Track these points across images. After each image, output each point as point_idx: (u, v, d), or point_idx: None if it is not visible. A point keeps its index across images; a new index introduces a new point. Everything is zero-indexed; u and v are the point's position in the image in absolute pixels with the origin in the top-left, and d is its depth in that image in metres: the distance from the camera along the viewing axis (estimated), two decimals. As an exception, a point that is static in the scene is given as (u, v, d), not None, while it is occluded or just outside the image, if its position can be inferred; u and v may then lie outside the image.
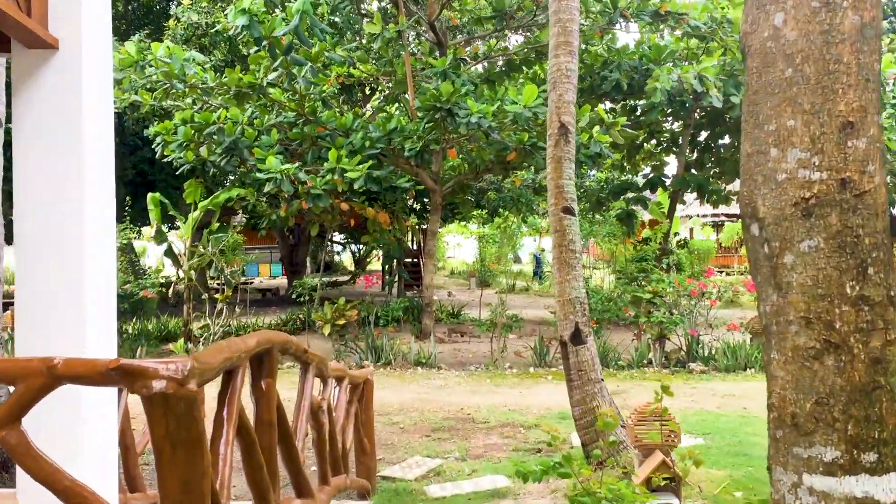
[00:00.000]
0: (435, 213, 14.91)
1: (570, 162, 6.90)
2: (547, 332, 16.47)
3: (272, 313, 18.35)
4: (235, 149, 12.11)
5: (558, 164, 6.80)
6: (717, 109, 16.88)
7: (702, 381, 10.91)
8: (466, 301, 24.69)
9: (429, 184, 14.65)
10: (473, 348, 14.31)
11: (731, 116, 16.72)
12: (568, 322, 6.69)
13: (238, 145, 12.05)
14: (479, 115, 11.00)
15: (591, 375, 6.55)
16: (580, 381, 6.55)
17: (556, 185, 6.79)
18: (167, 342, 14.56)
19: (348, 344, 12.57)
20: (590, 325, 6.83)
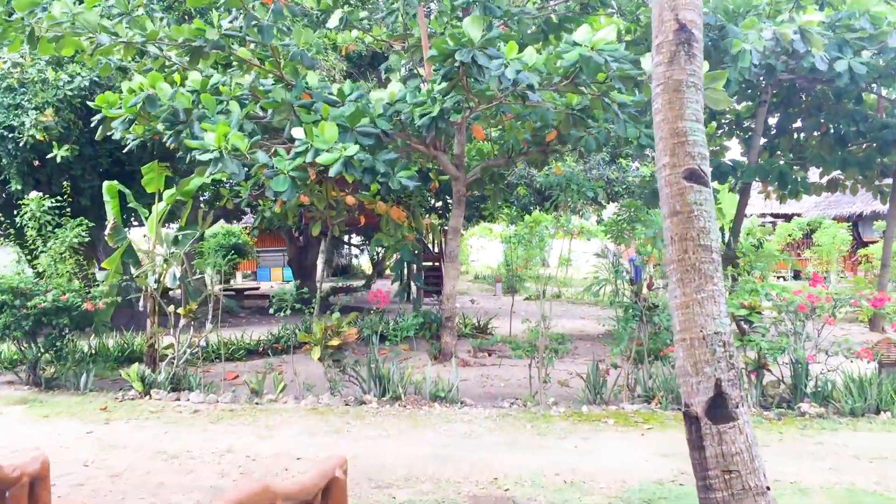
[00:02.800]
0: (458, 206, 11.83)
1: (697, 91, 3.82)
2: (593, 349, 13.33)
3: (272, 323, 15.32)
4: (180, 121, 9.05)
5: (676, 94, 3.77)
6: (792, 86, 13.77)
7: (823, 430, 7.75)
8: (492, 309, 21.56)
9: (450, 170, 11.58)
10: (505, 374, 11.21)
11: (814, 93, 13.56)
12: (701, 378, 3.65)
13: (179, 116, 8.98)
14: (516, 64, 7.87)
15: (747, 481, 3.46)
16: (726, 489, 3.46)
17: (673, 131, 3.76)
18: (130, 363, 11.58)
19: (346, 370, 9.52)
20: (740, 385, 3.71)
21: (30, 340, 10.08)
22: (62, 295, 9.63)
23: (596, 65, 7.82)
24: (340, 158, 8.23)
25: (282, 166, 8.39)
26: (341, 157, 8.23)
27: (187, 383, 9.88)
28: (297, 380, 10.03)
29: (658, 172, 3.94)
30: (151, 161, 10.91)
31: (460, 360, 11.75)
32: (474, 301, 25.13)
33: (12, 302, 9.52)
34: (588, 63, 7.82)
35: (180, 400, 9.47)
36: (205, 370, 11.80)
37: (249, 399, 9.38)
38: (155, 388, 9.75)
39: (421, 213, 13.76)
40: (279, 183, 8.44)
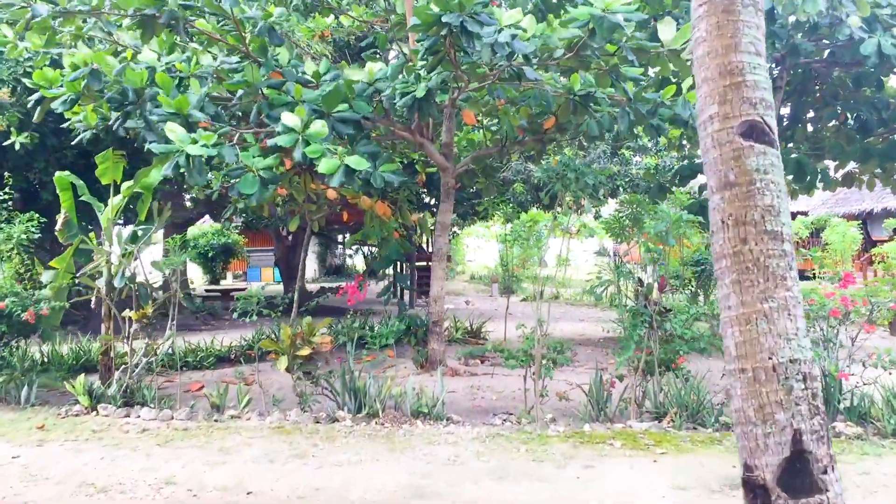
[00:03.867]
0: (446, 199, 10.68)
1: (757, 13, 2.67)
2: (594, 355, 12.19)
3: (248, 327, 14.14)
4: (129, 102, 7.83)
5: (728, 16, 2.74)
6: (807, 72, 12.65)
7: (865, 455, 6.61)
8: (487, 311, 20.43)
9: (437, 159, 10.44)
10: (498, 384, 10.06)
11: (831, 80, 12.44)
12: (770, 429, 2.53)
13: (128, 96, 7.77)
14: (510, 30, 6.70)
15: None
16: None
17: (723, 69, 2.70)
18: (86, 372, 10.44)
19: (319, 382, 8.37)
20: (828, 437, 2.55)
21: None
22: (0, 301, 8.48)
23: (610, 26, 6.62)
24: (341, 167, 7.04)
25: (251, 163, 7.23)
26: (342, 165, 7.04)
27: (141, 397, 8.73)
28: (264, 392, 8.89)
29: (701, 129, 2.80)
30: (107, 149, 9.73)
31: (448, 369, 10.61)
32: (469, 302, 24.01)
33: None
34: (601, 25, 6.64)
35: (130, 416, 8.32)
36: (168, 380, 10.65)
37: (208, 415, 8.23)
38: (104, 402, 8.60)
39: (410, 209, 12.60)
40: (247, 184, 7.27)
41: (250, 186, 7.14)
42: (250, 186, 7.14)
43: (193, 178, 6.70)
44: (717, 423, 7.43)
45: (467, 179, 12.56)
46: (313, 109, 7.52)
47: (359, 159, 6.98)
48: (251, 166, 7.19)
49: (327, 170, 6.96)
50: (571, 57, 7.30)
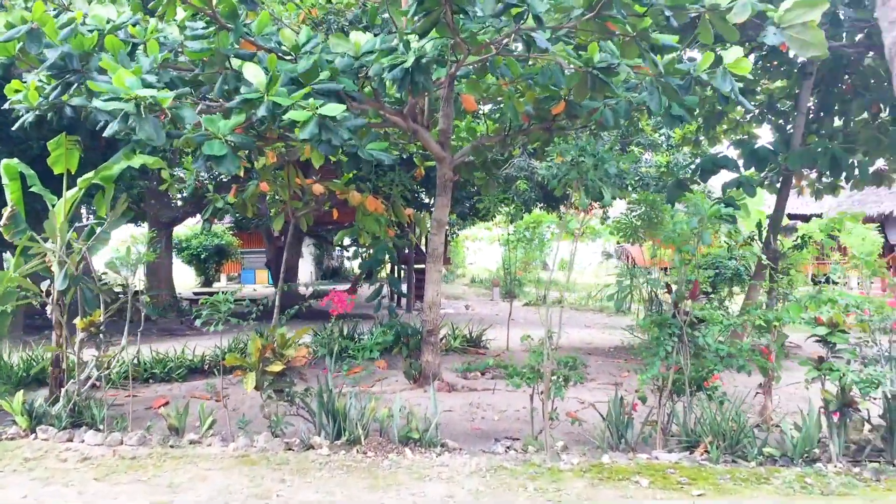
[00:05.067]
0: (443, 192, 9.46)
1: None
2: (604, 366, 10.95)
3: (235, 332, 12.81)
4: (72, 70, 6.55)
5: None
6: (837, 59, 11.42)
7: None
8: (488, 316, 19.23)
9: (433, 148, 9.22)
10: (500, 401, 8.84)
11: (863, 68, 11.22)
12: None
13: (72, 63, 6.48)
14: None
15: None
16: None
17: None
18: (39, 386, 9.26)
19: (294, 400, 7.14)
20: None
21: None
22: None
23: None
24: (314, 118, 5.77)
25: (214, 128, 5.99)
26: (314, 115, 5.77)
27: (90, 416, 7.50)
28: (231, 411, 7.69)
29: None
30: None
31: (444, 384, 9.38)
32: (469, 307, 22.82)
33: None
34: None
35: (73, 441, 7.09)
36: (130, 394, 9.42)
37: (164, 439, 7.00)
38: (47, 422, 7.38)
39: (402, 204, 11.36)
40: (213, 147, 6.01)
41: (218, 149, 5.89)
42: (218, 149, 5.89)
43: (144, 130, 5.44)
44: (762, 456, 6.19)
45: (466, 173, 11.32)
46: (290, 79, 6.29)
47: (334, 106, 5.72)
48: (215, 132, 5.94)
49: (296, 117, 5.71)
50: (591, 17, 6.05)
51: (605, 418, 6.85)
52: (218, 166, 5.98)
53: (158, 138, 5.52)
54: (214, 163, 5.97)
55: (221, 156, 5.88)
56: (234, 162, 5.98)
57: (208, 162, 6.11)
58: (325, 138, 5.66)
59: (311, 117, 5.67)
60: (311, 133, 5.58)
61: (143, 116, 5.41)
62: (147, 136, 5.35)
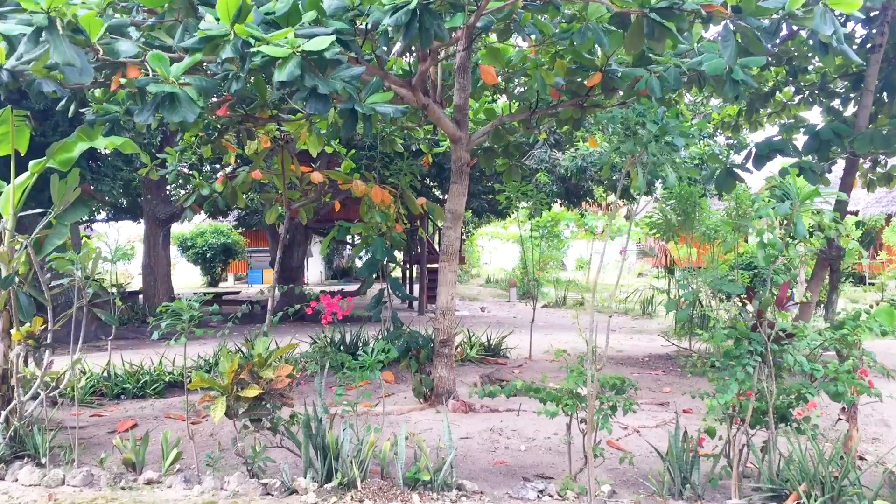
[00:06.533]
0: (458, 179, 8.03)
1: None
2: (641, 380, 9.46)
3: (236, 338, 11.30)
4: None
5: None
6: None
7: None
8: (506, 319, 17.79)
9: (446, 127, 7.79)
10: (528, 427, 7.37)
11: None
12: None
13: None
14: None
15: None
16: None
17: None
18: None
19: (277, 430, 5.71)
20: None
21: None
22: None
23: None
24: (292, 58, 4.32)
25: (162, 69, 4.55)
26: (293, 53, 4.32)
27: (33, 446, 6.12)
28: (207, 437, 6.29)
29: None
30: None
31: (459, 403, 7.95)
32: (485, 309, 21.38)
33: None
34: None
35: (4, 479, 5.71)
36: (96, 413, 8.05)
37: (116, 478, 5.60)
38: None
39: (412, 195, 9.93)
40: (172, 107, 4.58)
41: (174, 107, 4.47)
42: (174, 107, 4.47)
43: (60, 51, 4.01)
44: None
45: (485, 161, 9.89)
46: (266, 23, 4.85)
47: (321, 40, 4.30)
48: (164, 74, 4.51)
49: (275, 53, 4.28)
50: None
51: (665, 457, 5.39)
52: (170, 115, 4.54)
53: (83, 73, 4.09)
54: (165, 112, 4.54)
55: (173, 103, 4.45)
56: (192, 108, 4.53)
57: (157, 111, 4.66)
58: (310, 84, 4.23)
59: (289, 55, 4.24)
60: (290, 74, 4.15)
61: (59, 33, 3.98)
62: (64, 60, 3.92)
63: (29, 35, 4.06)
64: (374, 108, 4.76)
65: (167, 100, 4.47)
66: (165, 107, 4.48)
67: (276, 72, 4.26)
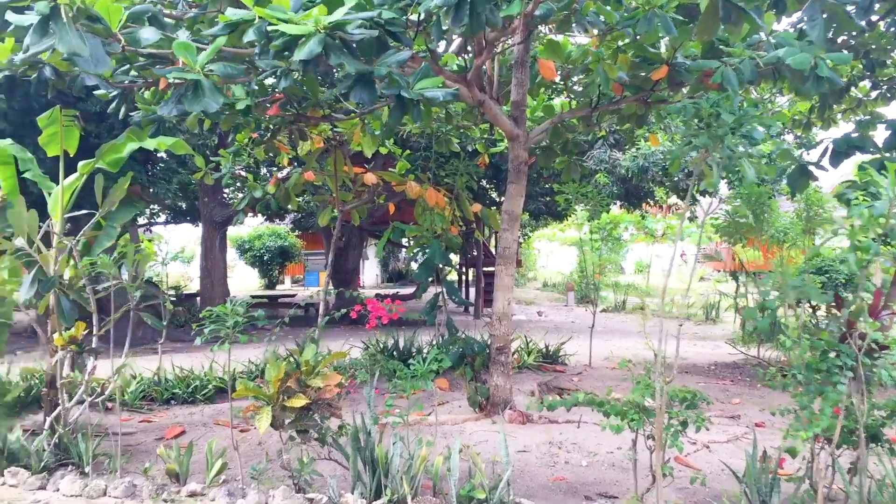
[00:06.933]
0: (516, 179, 7.65)
1: None
2: (708, 390, 8.92)
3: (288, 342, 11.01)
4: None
5: None
6: None
7: None
8: (563, 324, 17.32)
9: (503, 124, 7.43)
10: (589, 440, 6.94)
11: None
12: None
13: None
14: None
15: None
16: None
17: None
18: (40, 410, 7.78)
19: (326, 440, 5.42)
20: None
21: None
22: None
23: None
24: (315, 35, 3.98)
25: (188, 58, 4.28)
26: (316, 30, 3.97)
27: (77, 454, 5.94)
28: (255, 447, 6.05)
29: None
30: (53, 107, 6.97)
31: (516, 413, 7.56)
32: (542, 313, 20.92)
33: None
34: None
35: (46, 489, 5.53)
36: (146, 419, 7.90)
37: (159, 489, 5.38)
38: (23, 459, 5.84)
39: (468, 197, 9.58)
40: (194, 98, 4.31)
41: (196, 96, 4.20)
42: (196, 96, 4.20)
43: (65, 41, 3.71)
44: None
45: (543, 160, 9.49)
46: (304, 7, 4.55)
47: (342, 10, 3.96)
48: (190, 63, 4.23)
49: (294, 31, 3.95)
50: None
51: (741, 478, 4.93)
52: (192, 105, 4.27)
53: (98, 63, 3.83)
54: (188, 102, 4.27)
55: (196, 92, 4.18)
56: (214, 97, 4.25)
57: (180, 102, 4.39)
58: (336, 62, 3.89)
59: (311, 32, 3.91)
60: (310, 52, 3.81)
61: (63, 22, 3.71)
62: (70, 50, 3.66)
63: (35, 25, 3.81)
64: (423, 94, 4.40)
65: (190, 89, 4.21)
66: (188, 97, 4.22)
67: (296, 51, 3.93)
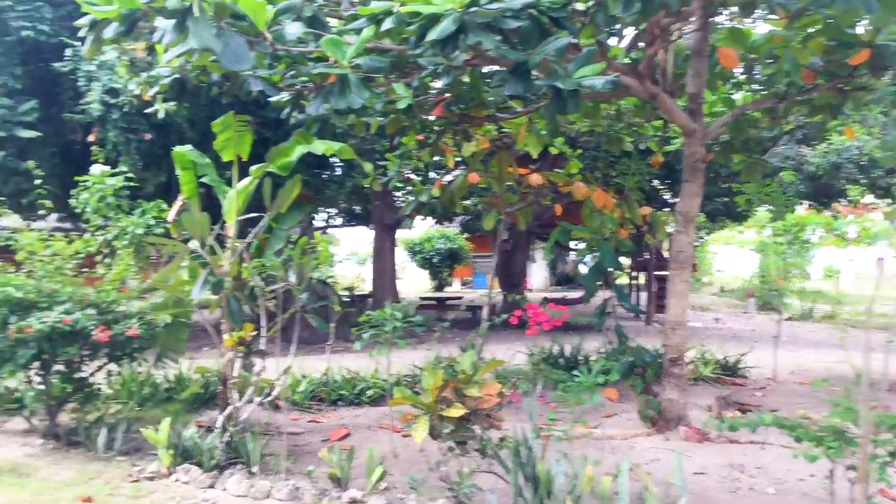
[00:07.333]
0: (691, 177, 7.09)
1: None
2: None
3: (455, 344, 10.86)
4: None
5: None
6: None
7: None
8: (743, 332, 16.22)
9: (679, 119, 6.90)
10: (776, 464, 6.26)
11: None
12: None
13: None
14: None
15: None
16: None
17: None
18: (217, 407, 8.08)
19: (486, 453, 5.17)
20: None
21: (45, 375, 6.74)
22: (66, 316, 6.14)
23: None
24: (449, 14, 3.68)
25: (337, 54, 4.11)
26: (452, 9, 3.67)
27: (245, 454, 6.03)
28: (417, 453, 5.90)
29: None
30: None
31: (692, 431, 6.98)
32: (719, 320, 19.76)
33: (3, 320, 6.19)
34: None
35: (215, 487, 5.64)
36: (314, 419, 7.99)
37: (320, 495, 5.34)
38: (195, 457, 6.00)
39: (638, 198, 9.05)
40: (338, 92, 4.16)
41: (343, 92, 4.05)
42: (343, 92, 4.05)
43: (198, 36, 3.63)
44: None
45: (722, 156, 8.79)
46: None
47: None
48: (339, 58, 4.07)
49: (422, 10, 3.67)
50: None
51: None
52: (338, 101, 4.11)
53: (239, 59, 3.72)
54: (333, 98, 4.12)
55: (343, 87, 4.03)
56: (360, 92, 4.07)
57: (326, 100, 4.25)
58: (474, 41, 3.57)
59: (445, 11, 3.61)
60: (443, 31, 3.53)
61: (196, 17, 3.61)
62: (201, 44, 3.56)
63: (173, 24, 3.77)
64: (580, 83, 3.98)
65: (337, 86, 4.06)
66: (335, 93, 4.08)
67: (430, 32, 3.65)
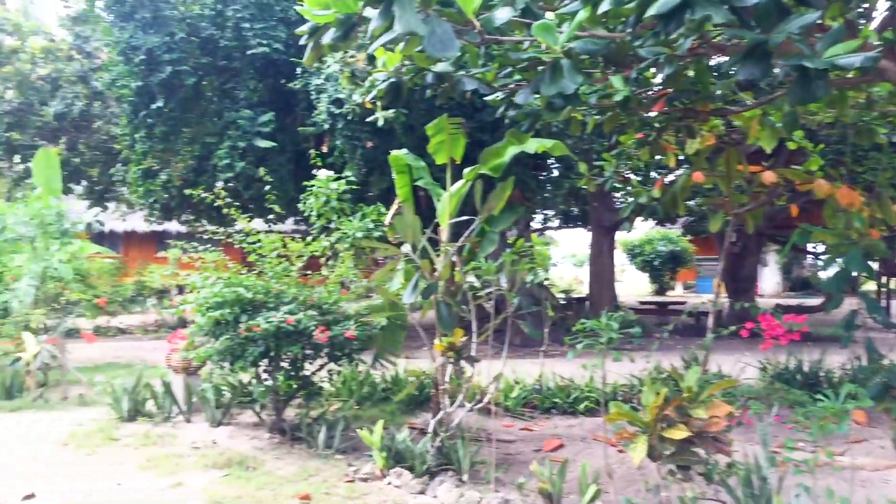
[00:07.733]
0: (964, 171, 6.05)
1: None
2: None
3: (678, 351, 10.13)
4: None
5: None
6: None
7: None
8: None
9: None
10: None
11: None
12: None
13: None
14: None
15: None
16: None
17: None
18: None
19: (712, 478, 4.67)
20: None
21: (272, 372, 7.06)
22: (290, 316, 6.37)
23: None
24: None
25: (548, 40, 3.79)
26: None
27: (457, 460, 5.93)
28: (633, 471, 5.51)
29: None
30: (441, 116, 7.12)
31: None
32: None
33: (235, 319, 6.54)
34: None
35: (425, 494, 5.57)
36: (526, 427, 7.78)
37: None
38: (408, 461, 5.99)
39: (894, 198, 7.94)
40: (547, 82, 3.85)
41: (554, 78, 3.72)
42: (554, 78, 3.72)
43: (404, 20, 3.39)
44: None
45: None
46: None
47: None
48: (550, 43, 3.74)
49: None
50: None
51: None
52: (549, 88, 3.76)
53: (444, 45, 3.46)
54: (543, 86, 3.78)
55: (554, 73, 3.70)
56: (573, 77, 3.71)
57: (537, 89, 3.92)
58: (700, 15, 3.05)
59: None
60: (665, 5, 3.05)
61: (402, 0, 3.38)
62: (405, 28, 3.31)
63: (379, 10, 3.60)
64: (833, 63, 3.36)
65: (548, 72, 3.74)
66: (546, 80, 3.75)
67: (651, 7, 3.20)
